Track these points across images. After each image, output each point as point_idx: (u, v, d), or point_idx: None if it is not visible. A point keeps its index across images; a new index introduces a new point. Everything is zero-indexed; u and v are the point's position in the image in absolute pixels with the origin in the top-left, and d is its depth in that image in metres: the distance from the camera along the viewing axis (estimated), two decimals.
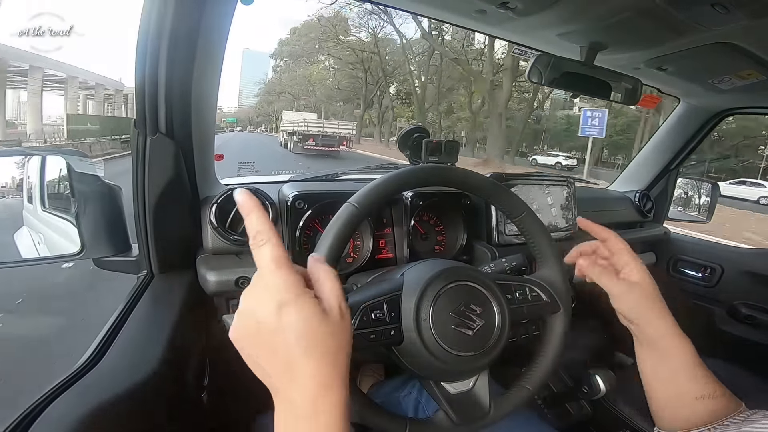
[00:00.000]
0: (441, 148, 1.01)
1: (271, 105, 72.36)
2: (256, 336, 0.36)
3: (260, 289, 0.36)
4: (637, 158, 1.83)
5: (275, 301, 0.34)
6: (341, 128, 20.65)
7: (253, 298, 0.36)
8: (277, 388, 0.36)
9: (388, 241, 0.97)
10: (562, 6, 0.83)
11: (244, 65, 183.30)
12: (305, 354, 0.34)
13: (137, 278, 0.85)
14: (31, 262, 0.84)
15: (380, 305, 0.55)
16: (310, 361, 0.34)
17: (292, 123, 21.51)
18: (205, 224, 0.86)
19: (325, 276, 0.39)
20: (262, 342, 0.35)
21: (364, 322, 0.53)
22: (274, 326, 0.34)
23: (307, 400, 0.34)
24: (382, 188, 0.57)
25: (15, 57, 17.67)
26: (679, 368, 0.58)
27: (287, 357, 0.34)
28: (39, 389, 0.50)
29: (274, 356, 0.35)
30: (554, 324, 0.68)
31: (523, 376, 0.66)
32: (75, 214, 0.77)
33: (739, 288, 1.56)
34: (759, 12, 0.75)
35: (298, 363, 0.34)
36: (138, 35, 0.68)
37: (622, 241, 0.63)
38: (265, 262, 0.36)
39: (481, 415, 0.60)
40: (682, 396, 0.57)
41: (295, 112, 31.17)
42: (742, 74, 1.10)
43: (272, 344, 0.35)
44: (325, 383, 0.35)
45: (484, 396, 0.61)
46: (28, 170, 0.81)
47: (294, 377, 0.34)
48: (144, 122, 0.73)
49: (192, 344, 0.76)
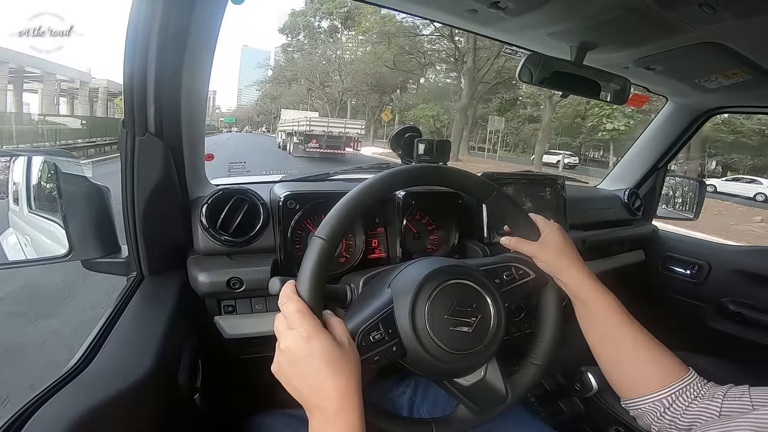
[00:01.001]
0: (433, 147, 1.01)
1: (275, 101, 63.64)
2: (293, 365, 0.48)
3: (292, 333, 0.48)
4: (625, 157, 1.85)
5: (303, 338, 0.47)
6: (348, 128, 18.34)
7: (288, 339, 0.48)
8: (310, 403, 0.47)
9: (380, 240, 0.97)
10: (552, 6, 0.84)
11: (243, 63, 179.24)
12: (328, 374, 0.46)
13: (127, 280, 0.84)
14: (17, 264, 0.83)
15: (376, 326, 0.55)
16: (332, 378, 0.46)
17: (292, 122, 19.43)
18: (196, 225, 0.86)
19: (333, 321, 0.51)
20: (297, 369, 0.48)
21: (365, 347, 0.53)
22: (305, 354, 0.47)
23: (333, 407, 0.46)
24: (344, 212, 0.55)
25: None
26: (607, 321, 0.64)
27: (316, 377, 0.46)
28: None
29: (306, 378, 0.47)
30: (547, 297, 0.69)
31: (528, 355, 0.67)
32: (62, 215, 0.75)
33: (726, 285, 1.58)
34: (745, 12, 0.77)
35: (324, 381, 0.46)
36: (126, 34, 0.67)
37: (536, 215, 0.73)
38: (292, 312, 0.49)
39: (500, 400, 0.61)
40: (621, 353, 0.62)
41: (294, 111, 28.96)
42: (728, 73, 1.12)
43: (305, 369, 0.47)
44: (345, 393, 0.46)
45: (498, 382, 0.62)
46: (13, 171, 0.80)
47: (322, 391, 0.46)
48: (133, 122, 0.72)
49: (184, 346, 0.75)
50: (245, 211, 0.86)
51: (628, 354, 0.61)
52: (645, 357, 0.60)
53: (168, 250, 0.85)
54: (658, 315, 1.78)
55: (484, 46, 19.68)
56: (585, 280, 0.66)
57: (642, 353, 0.61)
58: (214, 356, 0.91)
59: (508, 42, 1.13)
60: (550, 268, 0.68)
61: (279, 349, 0.49)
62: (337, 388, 0.46)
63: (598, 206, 1.63)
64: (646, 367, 0.60)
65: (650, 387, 0.58)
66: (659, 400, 0.57)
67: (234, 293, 0.83)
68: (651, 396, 0.58)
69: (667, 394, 0.57)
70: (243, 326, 0.89)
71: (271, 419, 0.80)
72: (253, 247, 0.88)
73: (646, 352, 0.60)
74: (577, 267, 0.67)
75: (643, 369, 0.60)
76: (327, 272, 0.53)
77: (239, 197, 0.87)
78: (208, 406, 0.83)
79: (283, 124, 22.39)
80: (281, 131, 23.15)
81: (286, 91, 54.32)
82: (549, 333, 0.68)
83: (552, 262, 0.67)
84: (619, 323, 0.63)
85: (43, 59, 21.05)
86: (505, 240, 0.72)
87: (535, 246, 0.68)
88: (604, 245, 1.54)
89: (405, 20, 25.68)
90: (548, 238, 0.69)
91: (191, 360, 0.77)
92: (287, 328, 0.49)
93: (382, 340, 0.55)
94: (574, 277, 0.66)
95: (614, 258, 1.61)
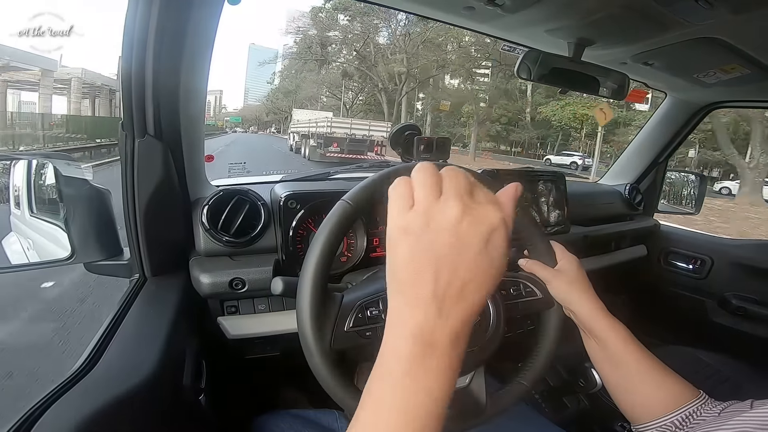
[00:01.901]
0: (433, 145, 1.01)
1: (288, 96, 50.85)
2: (460, 244, 0.32)
3: (490, 205, 0.33)
4: (626, 152, 1.85)
5: (486, 225, 0.32)
6: (372, 129, 16.12)
7: (486, 207, 0.33)
8: (432, 306, 0.32)
9: (382, 239, 0.97)
10: (549, 2, 0.84)
11: (250, 62, 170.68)
12: (477, 288, 0.32)
13: (129, 282, 0.84)
14: (21, 268, 0.83)
15: (375, 302, 0.56)
16: (476, 295, 0.33)
17: (307, 123, 17.34)
18: (197, 226, 0.86)
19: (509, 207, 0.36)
20: (463, 252, 0.32)
21: (360, 319, 0.53)
22: (478, 248, 0.32)
23: (459, 332, 0.32)
24: (372, 186, 0.55)
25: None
26: (618, 351, 0.63)
27: (477, 280, 0.32)
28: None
29: (467, 272, 0.32)
30: (549, 319, 0.69)
31: (519, 372, 0.66)
32: (64, 218, 0.76)
33: (729, 279, 1.58)
34: (742, 7, 0.77)
35: (478, 290, 0.32)
36: (123, 36, 0.67)
37: (556, 243, 0.72)
38: (471, 182, 0.34)
39: (477, 412, 0.60)
40: (633, 383, 0.62)
41: (308, 111, 25.33)
42: (726, 68, 1.12)
43: (472, 261, 0.32)
44: (471, 321, 0.33)
45: (481, 393, 0.61)
46: (14, 175, 0.80)
47: (466, 303, 0.32)
48: (132, 124, 0.73)
49: (187, 347, 0.75)
50: (246, 211, 0.86)
51: (637, 380, 0.62)
52: (655, 383, 0.60)
53: (170, 251, 0.86)
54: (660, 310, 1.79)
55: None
56: (597, 312, 0.66)
57: (652, 379, 0.61)
58: (219, 357, 0.91)
59: (506, 39, 1.13)
60: (563, 297, 0.68)
61: (459, 202, 0.32)
62: (476, 307, 0.33)
63: (599, 201, 1.63)
64: (657, 392, 0.60)
65: (661, 410, 0.58)
66: (671, 421, 0.57)
67: (236, 294, 0.83)
68: (661, 419, 0.58)
69: (678, 415, 0.57)
70: (246, 326, 0.89)
71: (276, 420, 0.80)
72: (254, 247, 0.88)
73: (657, 378, 0.61)
74: (589, 299, 0.67)
75: (653, 394, 0.60)
76: (342, 238, 0.53)
77: (240, 198, 0.87)
78: (213, 406, 0.83)
79: (297, 125, 20.08)
80: (294, 132, 20.98)
81: (309, 78, 40.83)
82: (542, 357, 0.67)
83: (565, 291, 0.67)
84: (629, 353, 0.63)
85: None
86: (523, 261, 0.71)
87: (551, 272, 0.68)
88: (606, 240, 1.54)
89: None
90: (565, 267, 0.69)
91: (195, 361, 0.77)
92: (467, 198, 0.33)
93: (378, 318, 0.55)
94: (586, 309, 0.66)
95: (616, 253, 1.61)
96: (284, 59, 53.68)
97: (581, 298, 0.66)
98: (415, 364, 0.31)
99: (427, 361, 0.31)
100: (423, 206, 0.33)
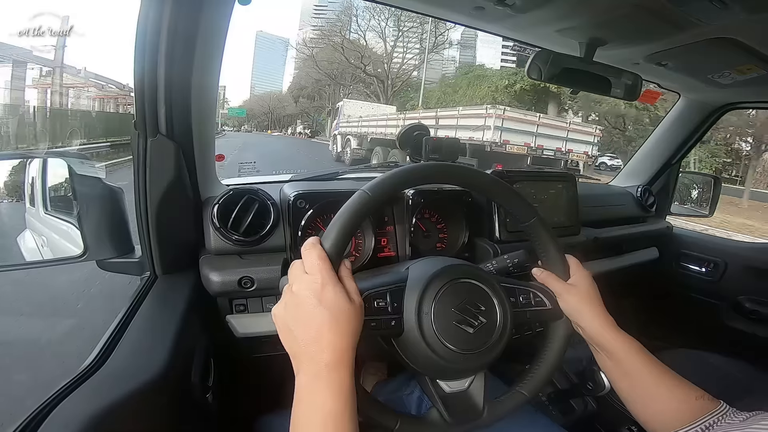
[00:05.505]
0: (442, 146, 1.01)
1: (317, 85, 38.53)
2: (298, 309, 0.48)
3: (307, 278, 0.48)
4: (638, 153, 1.83)
5: (317, 284, 0.47)
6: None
7: (302, 283, 0.48)
8: (303, 353, 0.47)
9: (389, 239, 0.97)
10: (560, 2, 0.83)
11: (257, 51, 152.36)
12: (331, 327, 0.46)
13: (140, 279, 0.85)
14: (35, 264, 0.84)
15: (383, 294, 0.56)
16: (334, 332, 0.46)
17: (370, 119, 12.88)
18: (207, 225, 0.87)
19: (348, 278, 0.51)
20: (301, 315, 0.47)
21: (367, 309, 0.53)
22: (314, 301, 0.47)
23: (328, 360, 0.46)
24: (395, 180, 0.56)
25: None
26: (633, 367, 0.62)
27: (318, 328, 0.46)
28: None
29: (307, 326, 0.47)
30: (556, 331, 0.68)
31: (520, 381, 0.66)
32: (77, 216, 0.77)
33: (742, 283, 1.55)
34: (757, 7, 0.75)
35: (326, 333, 0.46)
36: (136, 36, 0.68)
37: (571, 257, 0.72)
38: (314, 258, 0.49)
39: (473, 417, 0.60)
40: (649, 396, 0.61)
41: (365, 103, 18.38)
42: (742, 69, 1.10)
43: (309, 316, 0.47)
44: (343, 349, 0.47)
45: (479, 397, 0.61)
46: (29, 173, 0.82)
47: (319, 342, 0.46)
48: (144, 124, 0.74)
49: (196, 345, 0.76)
50: (256, 210, 0.87)
51: (654, 392, 0.61)
52: (673, 395, 0.59)
53: (180, 249, 0.87)
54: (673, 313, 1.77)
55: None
56: (606, 328, 0.65)
57: (669, 392, 0.60)
58: (226, 355, 0.92)
59: (516, 39, 1.12)
60: (573, 312, 0.67)
61: (289, 291, 0.49)
62: (336, 342, 0.46)
63: (611, 203, 1.61)
64: (677, 404, 0.59)
65: (681, 421, 0.57)
66: (693, 429, 0.56)
67: (245, 292, 0.84)
68: (682, 430, 0.57)
69: (698, 426, 0.55)
70: (254, 325, 0.89)
71: (282, 419, 0.80)
72: (263, 246, 0.89)
73: (674, 391, 0.60)
74: (598, 316, 0.66)
75: (672, 406, 0.59)
76: (357, 229, 0.54)
77: (250, 197, 0.88)
78: (220, 405, 0.84)
79: (349, 122, 14.35)
80: (338, 134, 15.09)
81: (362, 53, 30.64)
82: (545, 368, 0.66)
83: (576, 306, 0.66)
84: (644, 367, 0.62)
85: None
86: (537, 271, 0.71)
87: (563, 286, 0.68)
88: (617, 242, 1.52)
89: None
90: (578, 282, 0.68)
91: (204, 359, 0.78)
92: (302, 272, 0.49)
93: (384, 310, 0.56)
94: (595, 325, 0.65)
95: (627, 255, 1.59)
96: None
97: (591, 314, 0.66)
98: (308, 388, 0.46)
99: (314, 384, 0.46)
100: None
